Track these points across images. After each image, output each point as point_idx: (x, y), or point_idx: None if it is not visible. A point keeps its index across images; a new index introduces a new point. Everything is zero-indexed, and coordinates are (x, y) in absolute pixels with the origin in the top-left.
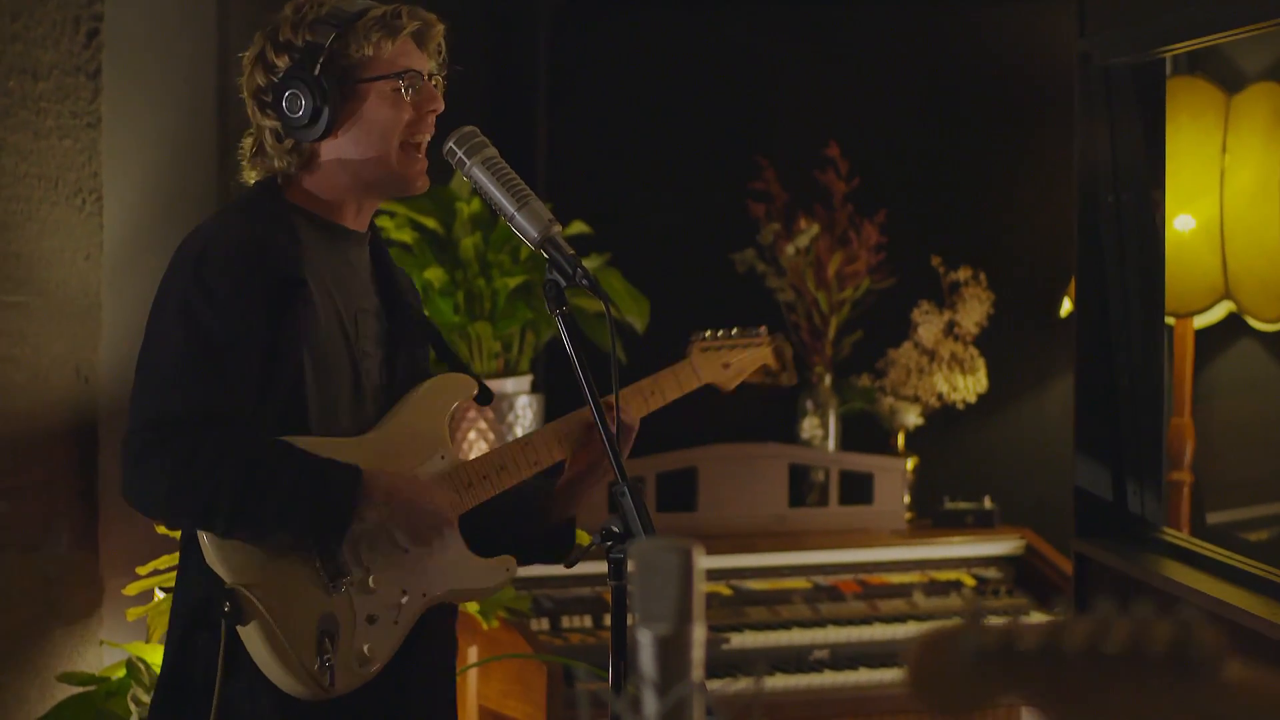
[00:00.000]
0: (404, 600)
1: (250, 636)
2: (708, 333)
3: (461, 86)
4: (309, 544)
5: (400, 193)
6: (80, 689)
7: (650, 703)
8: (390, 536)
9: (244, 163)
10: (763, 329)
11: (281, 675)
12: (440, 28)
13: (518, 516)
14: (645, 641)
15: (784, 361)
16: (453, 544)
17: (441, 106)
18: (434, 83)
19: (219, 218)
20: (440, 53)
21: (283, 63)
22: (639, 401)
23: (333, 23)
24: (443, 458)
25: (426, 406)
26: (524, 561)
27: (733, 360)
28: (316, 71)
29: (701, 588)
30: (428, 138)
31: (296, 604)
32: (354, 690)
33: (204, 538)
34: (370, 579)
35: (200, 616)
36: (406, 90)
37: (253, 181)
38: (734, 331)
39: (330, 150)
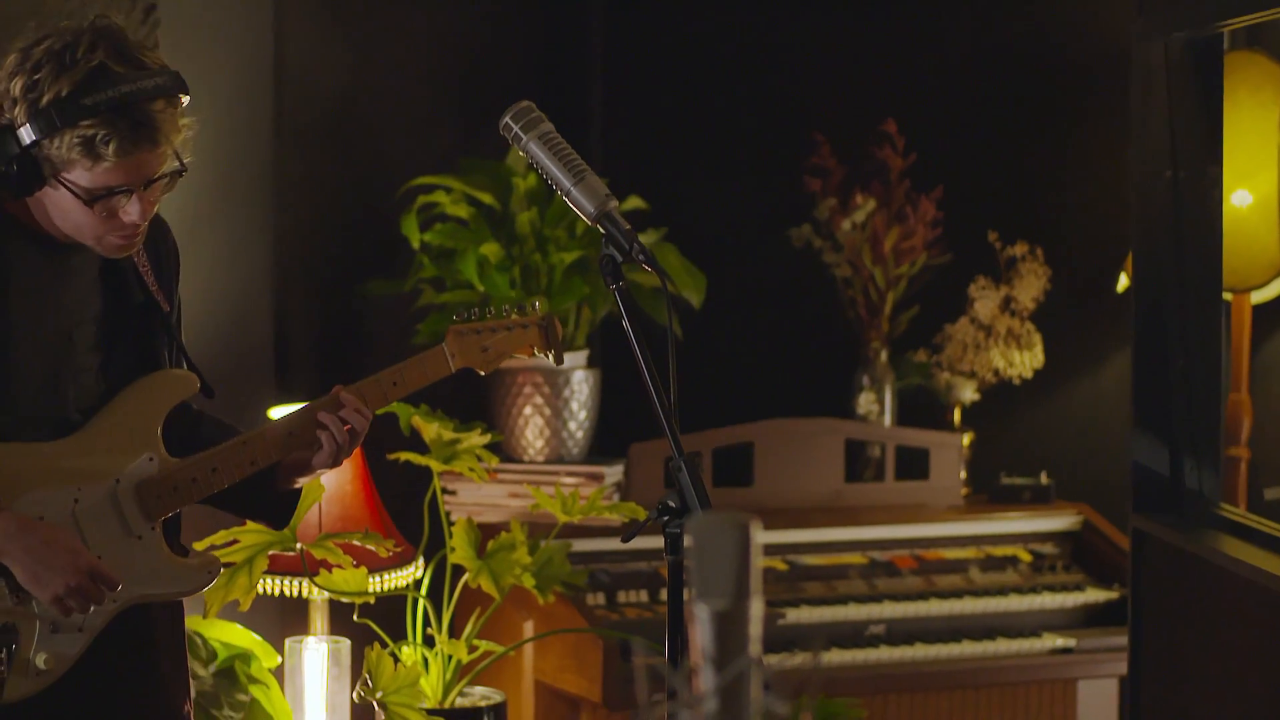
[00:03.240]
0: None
1: None
2: (470, 314)
3: (516, 61)
4: None
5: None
6: None
7: (708, 677)
8: (83, 541)
9: None
10: (535, 307)
11: None
12: (181, 125)
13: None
14: (703, 616)
15: (552, 342)
16: (149, 548)
17: (139, 218)
18: (159, 183)
19: None
20: (179, 141)
21: (8, 111)
22: (377, 394)
23: (55, 114)
24: (151, 459)
25: (137, 405)
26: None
27: (491, 343)
28: (20, 145)
29: (759, 562)
30: (138, 225)
31: None
32: (33, 695)
33: None
34: None
35: None
36: (100, 206)
37: None
38: (505, 309)
39: (34, 199)
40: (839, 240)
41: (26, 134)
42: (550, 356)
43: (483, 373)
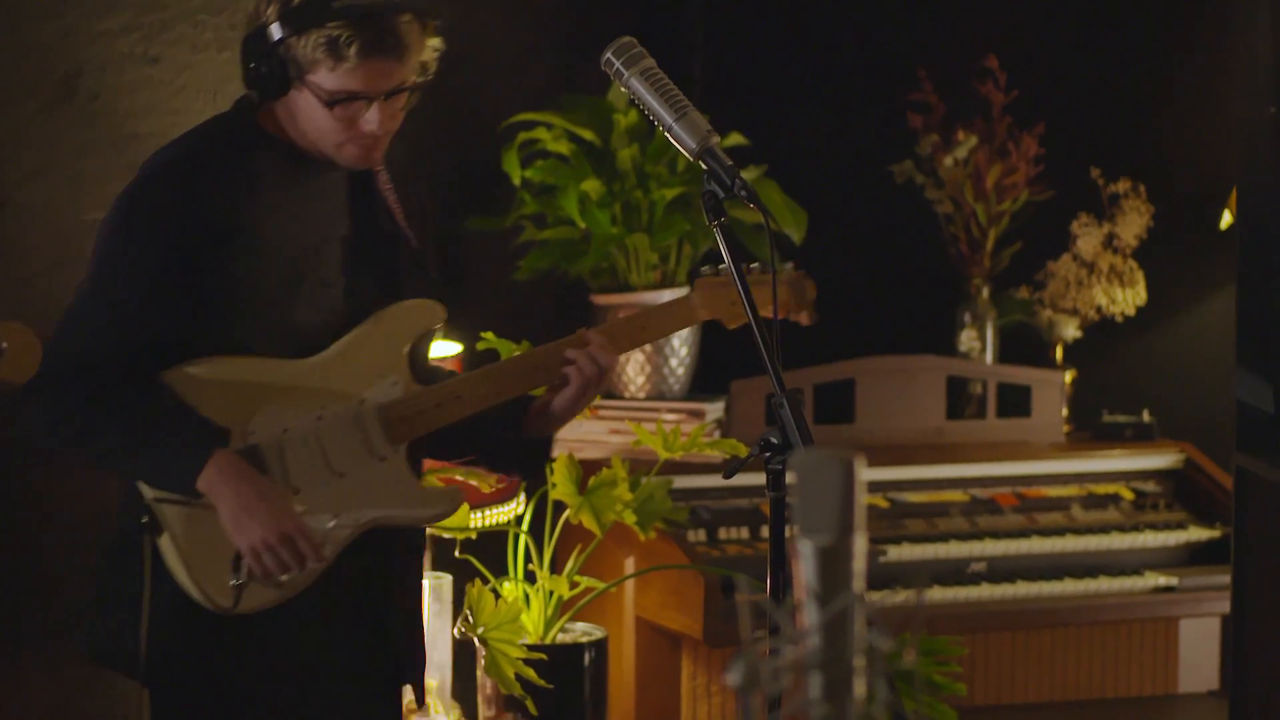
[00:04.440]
0: (331, 525)
1: (166, 550)
2: (720, 266)
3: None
4: None
5: (348, 168)
6: None
7: (811, 613)
8: (326, 460)
9: None
10: (790, 265)
11: (190, 587)
12: (428, 44)
13: (490, 423)
14: (806, 552)
15: (802, 301)
16: (393, 470)
17: (379, 128)
18: (401, 96)
19: (180, 142)
20: (422, 59)
21: (264, 11)
22: (626, 335)
23: (303, 13)
24: (395, 383)
25: (382, 333)
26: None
27: (740, 297)
28: (269, 42)
29: (863, 498)
30: (377, 136)
31: (216, 523)
32: (272, 610)
33: None
34: (300, 499)
35: (127, 529)
36: (339, 110)
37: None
38: (752, 266)
39: (280, 106)
40: (941, 176)
41: (276, 31)
42: (805, 315)
43: (731, 326)
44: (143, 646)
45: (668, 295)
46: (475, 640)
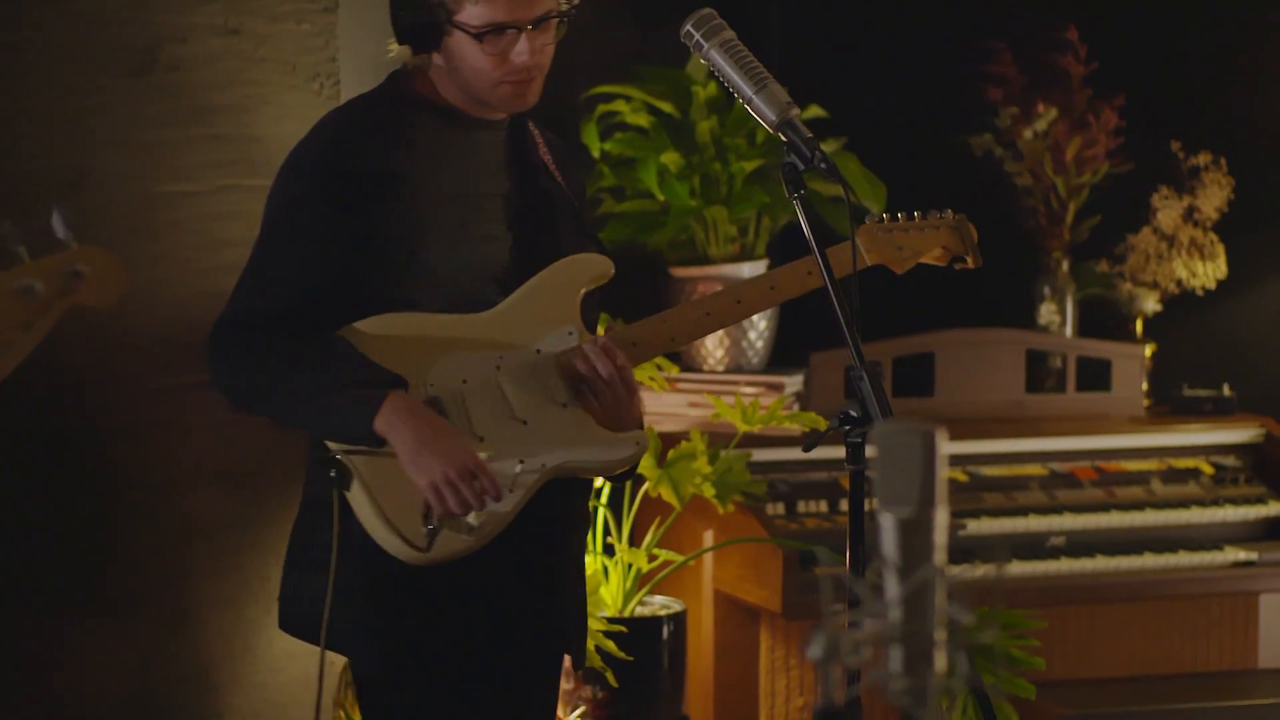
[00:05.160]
0: (518, 470)
1: (356, 500)
2: (881, 217)
3: None
4: None
5: (500, 110)
6: None
7: (892, 586)
8: (508, 407)
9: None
10: (948, 212)
11: (384, 536)
12: None
13: None
14: (887, 525)
15: (967, 244)
16: (575, 416)
17: (530, 60)
18: (549, 25)
19: (340, 109)
20: None
21: None
22: (793, 281)
23: None
24: (570, 334)
25: (553, 285)
26: None
27: (906, 242)
28: None
29: (944, 471)
30: (533, 72)
31: (401, 470)
32: (462, 558)
33: None
34: (484, 447)
35: (316, 484)
36: (489, 44)
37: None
38: (914, 215)
39: (437, 61)
40: (1020, 149)
41: None
42: (969, 260)
43: (899, 271)
44: (326, 609)
45: (747, 268)
46: None
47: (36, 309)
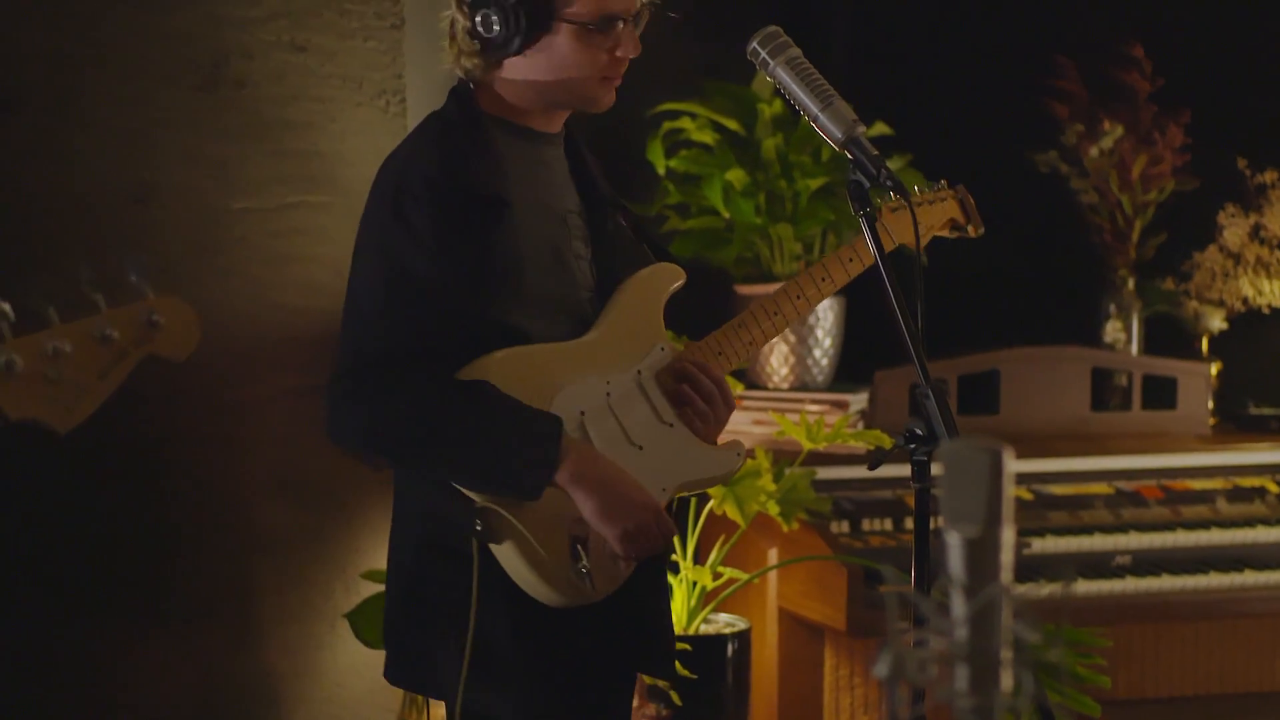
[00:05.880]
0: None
1: (505, 554)
2: (893, 195)
3: None
4: None
5: (587, 111)
6: (383, 587)
7: (958, 604)
8: (625, 434)
9: (443, 43)
10: (943, 182)
11: (541, 588)
12: None
13: None
14: (953, 544)
15: (970, 214)
16: (682, 434)
17: (636, 53)
18: (642, 15)
19: (414, 141)
20: None
21: None
22: (840, 270)
23: None
24: (662, 349)
25: (638, 301)
26: None
27: (920, 218)
28: None
29: (1010, 490)
30: (623, 68)
31: (544, 515)
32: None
33: None
34: None
35: (435, 539)
36: (599, 38)
37: (448, 65)
38: (916, 189)
39: (518, 67)
40: (1085, 166)
41: None
42: (970, 229)
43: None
44: (465, 664)
45: None
46: None
47: (113, 358)
